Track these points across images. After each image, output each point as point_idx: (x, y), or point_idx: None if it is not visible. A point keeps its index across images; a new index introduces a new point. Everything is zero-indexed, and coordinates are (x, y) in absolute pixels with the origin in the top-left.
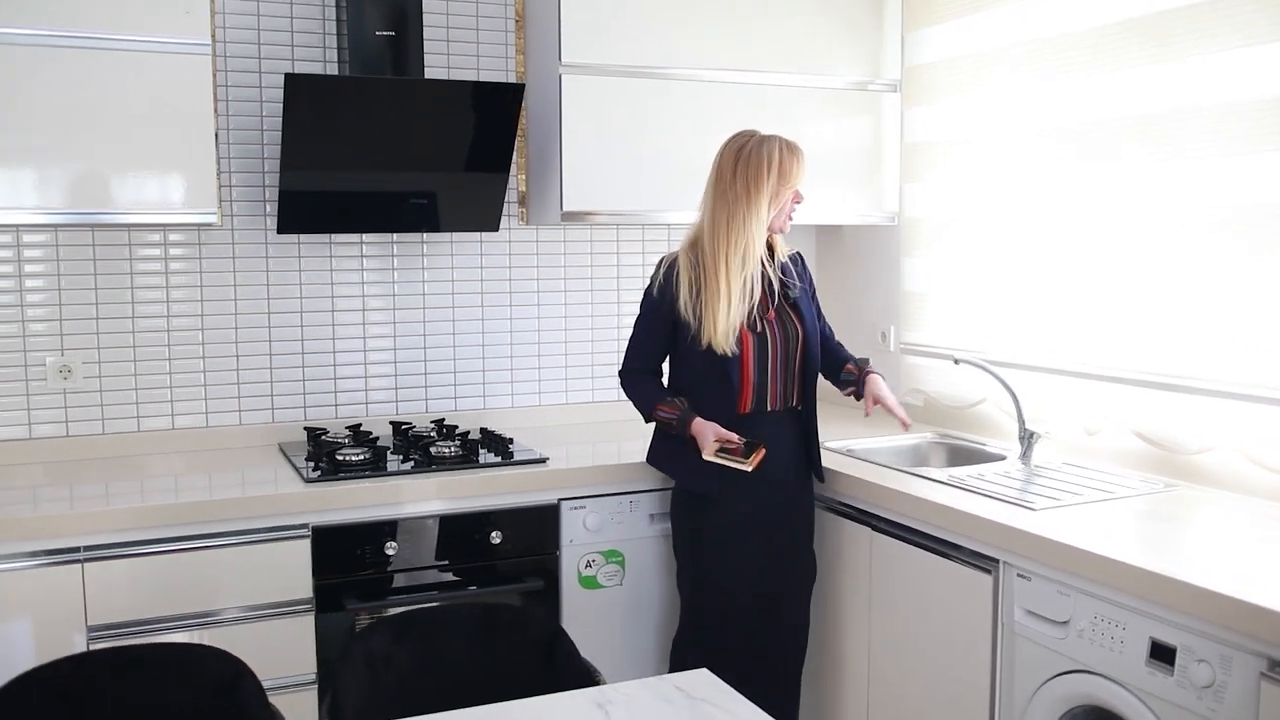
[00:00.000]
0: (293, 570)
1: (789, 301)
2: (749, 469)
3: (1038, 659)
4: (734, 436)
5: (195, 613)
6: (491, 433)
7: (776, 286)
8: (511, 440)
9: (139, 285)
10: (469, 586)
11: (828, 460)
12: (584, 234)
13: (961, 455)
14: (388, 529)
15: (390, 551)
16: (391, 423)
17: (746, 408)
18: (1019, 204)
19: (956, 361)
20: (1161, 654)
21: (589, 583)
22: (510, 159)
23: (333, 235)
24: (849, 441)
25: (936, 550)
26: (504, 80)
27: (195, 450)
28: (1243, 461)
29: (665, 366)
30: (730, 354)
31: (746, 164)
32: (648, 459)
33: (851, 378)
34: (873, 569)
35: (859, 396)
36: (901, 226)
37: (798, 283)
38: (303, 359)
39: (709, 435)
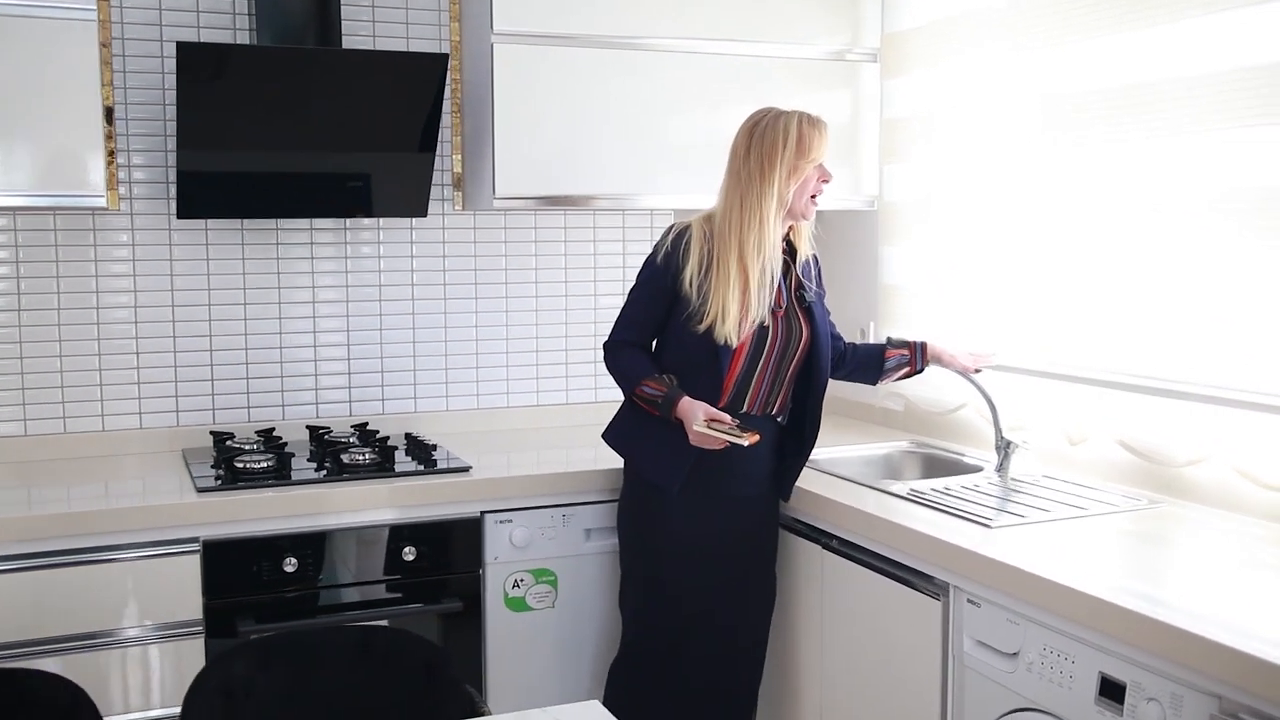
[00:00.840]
0: (181, 589)
1: (803, 304)
2: (747, 443)
3: (987, 695)
4: (726, 417)
5: (73, 635)
6: (416, 438)
7: (793, 282)
8: (435, 447)
9: (25, 275)
10: (380, 608)
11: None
12: (526, 221)
13: (937, 466)
14: (287, 544)
15: (289, 569)
16: (309, 427)
17: (722, 402)
18: (1005, 187)
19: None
20: (1111, 691)
21: (516, 604)
22: (435, 137)
23: (244, 222)
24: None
25: (887, 572)
26: (437, 51)
27: (90, 457)
28: (1234, 476)
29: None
30: (729, 344)
31: (761, 139)
32: (605, 435)
33: (904, 359)
34: (824, 590)
35: (915, 367)
36: (879, 212)
37: (815, 286)
38: (211, 356)
39: (699, 414)
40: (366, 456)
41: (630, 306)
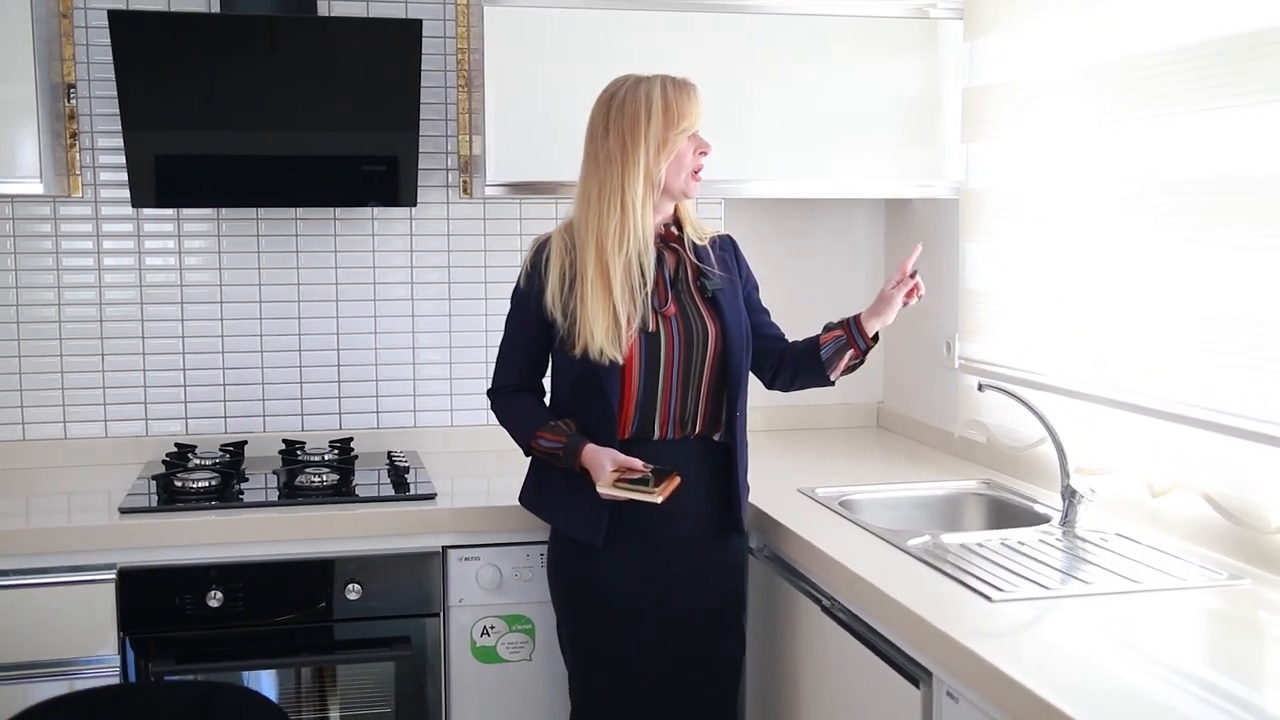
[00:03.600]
0: (95, 621)
1: (705, 295)
2: (659, 499)
3: None
4: (637, 464)
5: None
6: (395, 457)
7: (686, 272)
8: (409, 469)
9: None
10: (318, 654)
11: (796, 512)
12: (546, 211)
13: (1001, 513)
14: (216, 575)
15: (213, 603)
16: (286, 441)
17: (626, 433)
18: (1115, 172)
19: (981, 387)
20: None
21: (486, 655)
22: (416, 114)
23: (220, 211)
24: (851, 489)
25: (874, 646)
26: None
27: (45, 467)
28: None
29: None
30: (610, 362)
31: (621, 113)
32: (520, 498)
33: (840, 340)
34: (812, 655)
35: (859, 347)
36: (961, 200)
37: (719, 271)
38: (183, 360)
39: (605, 464)
40: (324, 478)
41: (504, 345)
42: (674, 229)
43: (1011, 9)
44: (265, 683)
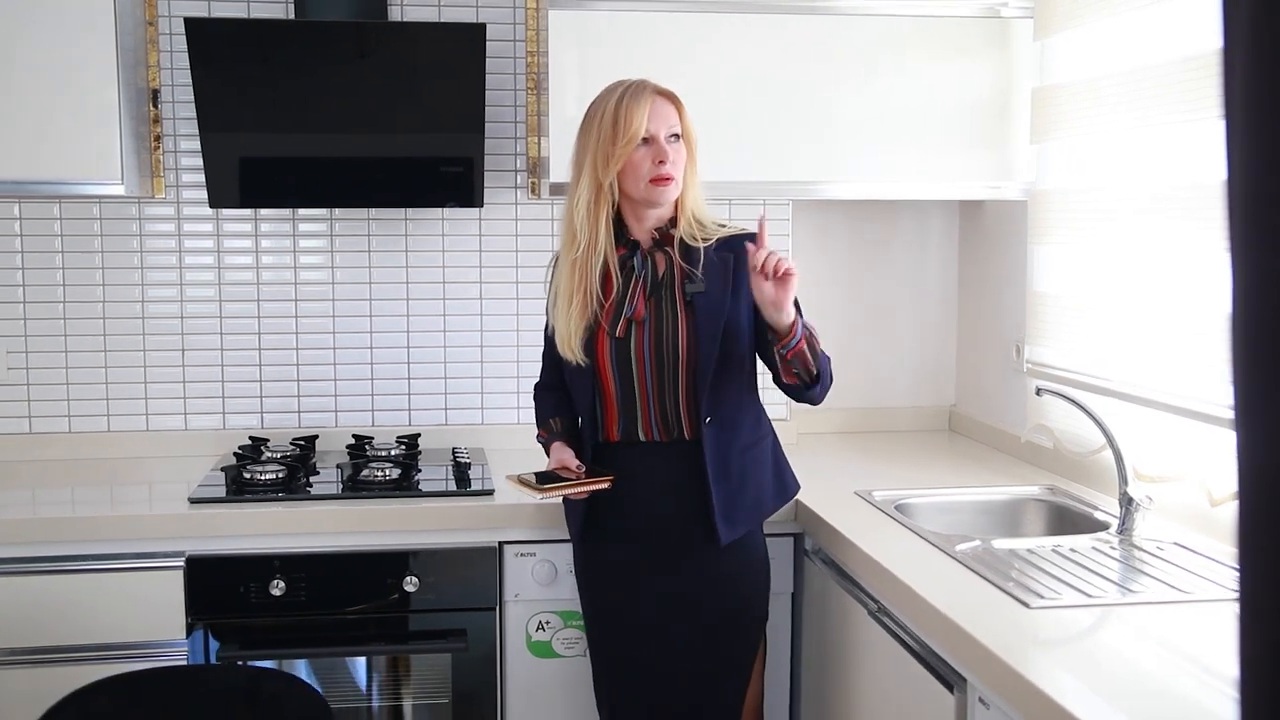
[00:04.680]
0: (165, 607)
1: (686, 297)
2: (538, 498)
3: None
4: (571, 464)
5: (46, 647)
6: (459, 455)
7: (674, 275)
8: (470, 465)
9: (70, 266)
10: (371, 644)
11: (849, 515)
12: None
13: (1061, 520)
14: (277, 564)
15: (276, 592)
16: (356, 436)
17: (615, 435)
18: (1181, 173)
19: (1039, 391)
20: None
21: (541, 650)
22: (481, 116)
23: (296, 212)
24: (909, 493)
25: (914, 650)
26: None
27: (128, 458)
28: None
29: None
30: (580, 364)
31: (581, 126)
32: None
33: (770, 335)
34: (859, 657)
35: (781, 336)
36: (1030, 202)
37: (700, 275)
38: (259, 355)
39: (552, 461)
40: (387, 473)
41: (546, 344)
42: (673, 230)
43: (1082, 7)
44: (325, 671)
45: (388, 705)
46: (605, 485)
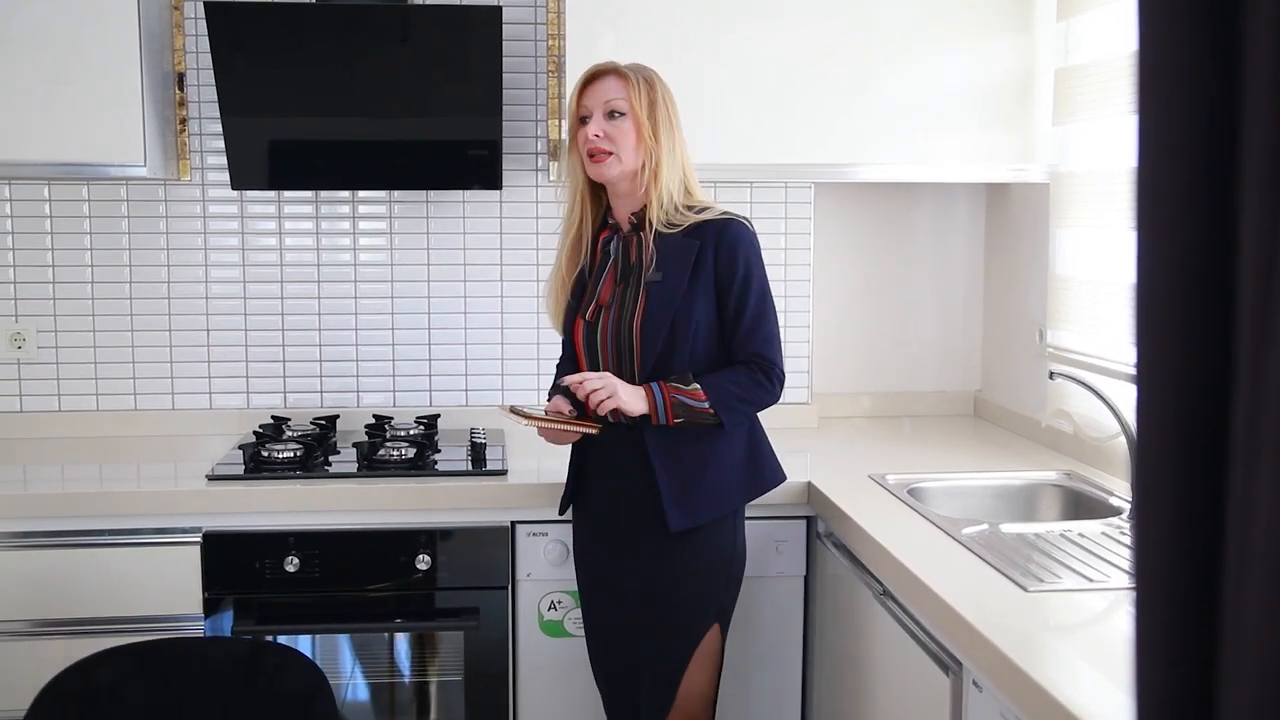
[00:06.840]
0: (181, 581)
1: (647, 284)
2: (524, 423)
3: None
4: (564, 409)
5: (65, 619)
6: (476, 435)
7: (643, 261)
8: (486, 446)
9: (98, 247)
10: (384, 620)
11: (860, 498)
12: None
13: (1076, 505)
14: (292, 541)
15: (290, 569)
16: (376, 416)
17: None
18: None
19: (1053, 375)
20: None
21: (553, 629)
22: (499, 97)
23: (319, 194)
24: (922, 477)
25: (915, 635)
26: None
27: (153, 435)
28: None
29: None
30: (565, 341)
31: None
32: None
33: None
34: (866, 638)
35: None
36: (1053, 185)
37: (659, 261)
38: (282, 336)
39: (548, 409)
40: (403, 453)
41: None
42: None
43: None
44: (340, 646)
45: (402, 682)
46: (593, 430)
